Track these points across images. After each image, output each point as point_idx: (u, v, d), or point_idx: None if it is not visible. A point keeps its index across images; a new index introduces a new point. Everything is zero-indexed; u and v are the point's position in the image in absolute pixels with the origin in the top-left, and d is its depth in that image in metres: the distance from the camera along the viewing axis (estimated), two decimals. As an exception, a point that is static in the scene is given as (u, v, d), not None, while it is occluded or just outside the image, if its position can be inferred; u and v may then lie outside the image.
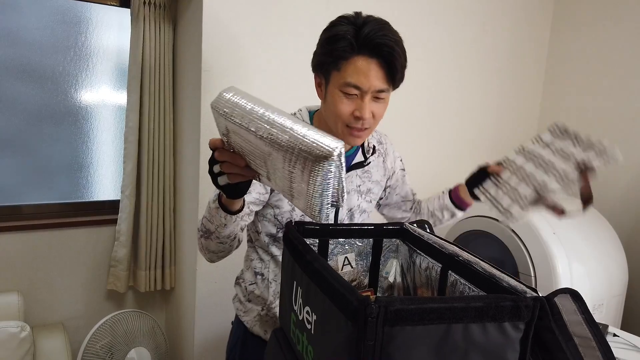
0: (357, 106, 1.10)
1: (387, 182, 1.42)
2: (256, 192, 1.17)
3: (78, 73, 2.17)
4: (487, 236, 2.13)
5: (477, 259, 0.84)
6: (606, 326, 1.73)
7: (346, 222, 1.27)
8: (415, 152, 2.49)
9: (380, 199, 1.47)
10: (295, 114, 1.25)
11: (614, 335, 1.72)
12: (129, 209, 2.13)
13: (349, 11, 1.17)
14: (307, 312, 0.79)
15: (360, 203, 1.31)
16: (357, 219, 1.32)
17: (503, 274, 0.77)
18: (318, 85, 1.18)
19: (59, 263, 2.18)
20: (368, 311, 0.60)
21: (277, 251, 1.26)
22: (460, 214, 1.45)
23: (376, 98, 1.12)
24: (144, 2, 2.01)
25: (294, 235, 0.89)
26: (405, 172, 1.49)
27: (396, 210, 1.50)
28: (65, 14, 2.11)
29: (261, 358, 1.30)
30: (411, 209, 1.51)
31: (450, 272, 0.90)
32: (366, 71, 1.07)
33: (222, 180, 0.91)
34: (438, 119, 2.54)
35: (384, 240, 1.10)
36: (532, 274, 1.95)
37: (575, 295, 0.71)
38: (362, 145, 1.29)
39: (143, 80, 2.07)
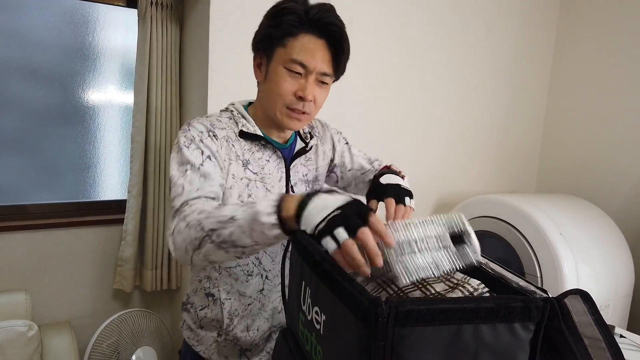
0: (300, 86, 1.07)
1: (330, 163, 1.36)
2: (219, 177, 1.06)
3: (85, 73, 2.18)
4: (493, 236, 2.13)
5: (486, 260, 0.84)
6: (613, 327, 1.73)
7: None
8: (418, 153, 2.48)
9: (337, 182, 1.40)
10: (227, 108, 1.21)
11: (621, 336, 1.72)
12: (136, 208, 2.14)
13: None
14: (316, 312, 0.79)
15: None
16: None
17: (513, 275, 0.78)
18: (257, 66, 1.14)
19: (66, 262, 2.19)
20: (379, 312, 0.60)
21: (230, 262, 1.14)
22: None
23: (320, 82, 1.09)
24: (151, 3, 2.02)
25: (302, 235, 0.89)
26: (351, 145, 1.39)
27: (362, 185, 1.38)
28: (73, 15, 2.12)
29: None
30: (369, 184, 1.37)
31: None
32: (313, 50, 1.05)
33: (329, 247, 0.73)
34: (441, 121, 2.53)
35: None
36: (539, 275, 1.95)
37: (585, 296, 0.72)
38: (299, 133, 1.25)
39: (150, 80, 2.08)
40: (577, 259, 1.93)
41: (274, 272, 1.21)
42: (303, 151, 1.23)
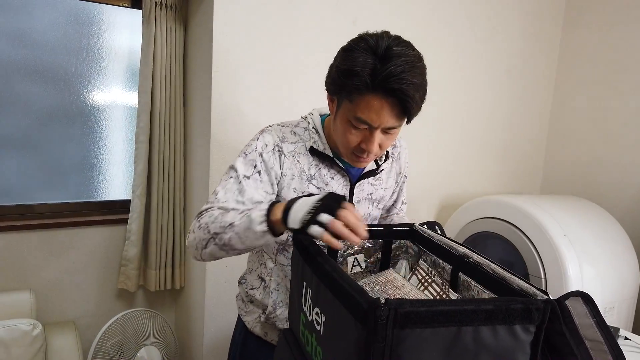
0: (365, 138, 1.06)
1: (395, 186, 1.38)
2: (262, 191, 1.13)
3: (90, 74, 2.19)
4: (497, 237, 2.12)
5: (487, 261, 0.84)
6: (617, 329, 1.72)
7: None
8: (423, 153, 2.48)
9: None
10: (306, 117, 1.23)
11: (626, 338, 1.71)
12: (140, 208, 2.15)
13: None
14: (317, 314, 0.79)
15: (371, 211, 1.29)
16: None
17: (513, 276, 0.77)
18: (330, 100, 1.13)
19: (71, 262, 2.20)
20: (378, 313, 0.61)
21: (284, 260, 1.23)
22: None
23: (386, 132, 1.06)
24: (156, 4, 2.03)
25: (303, 236, 0.89)
26: (406, 179, 1.41)
27: (383, 212, 1.44)
28: (78, 15, 2.13)
29: (261, 358, 1.30)
30: (389, 213, 1.45)
31: (460, 273, 0.90)
32: (378, 110, 1.00)
33: (316, 231, 0.84)
34: (447, 122, 2.53)
35: (394, 241, 1.10)
36: (543, 276, 1.94)
37: (586, 298, 0.71)
38: None
39: (154, 81, 2.08)
40: (582, 260, 1.92)
41: None
42: (372, 173, 1.24)
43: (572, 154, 2.77)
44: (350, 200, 1.21)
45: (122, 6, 2.14)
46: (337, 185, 1.20)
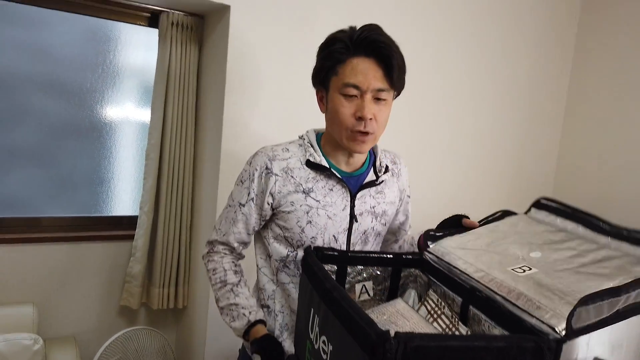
0: (358, 107, 1.10)
1: (399, 203, 1.36)
2: (257, 215, 1.22)
3: (104, 90, 2.22)
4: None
5: (498, 296, 0.82)
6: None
7: (359, 245, 1.24)
8: (434, 180, 2.47)
9: None
10: (302, 136, 1.25)
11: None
12: (147, 225, 2.14)
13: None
14: (324, 342, 0.78)
15: (374, 225, 1.26)
16: (371, 242, 1.27)
17: (525, 313, 0.76)
18: (320, 100, 1.20)
19: (75, 276, 2.20)
20: (387, 346, 0.59)
21: (285, 278, 1.21)
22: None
23: (377, 99, 1.11)
24: (172, 23, 2.06)
25: (312, 260, 0.88)
26: (410, 201, 1.41)
27: (389, 234, 1.42)
28: (95, 32, 2.16)
29: None
30: (397, 237, 1.44)
31: (471, 306, 0.88)
32: (364, 70, 1.08)
33: None
34: (458, 148, 2.53)
35: (403, 269, 1.09)
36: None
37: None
38: (374, 165, 1.26)
39: (167, 98, 2.10)
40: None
41: None
42: (372, 184, 1.23)
43: (582, 181, 2.76)
44: (352, 212, 1.20)
45: (140, 25, 2.17)
46: (337, 197, 1.18)
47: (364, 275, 1.05)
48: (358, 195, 1.20)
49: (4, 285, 2.05)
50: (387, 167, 1.27)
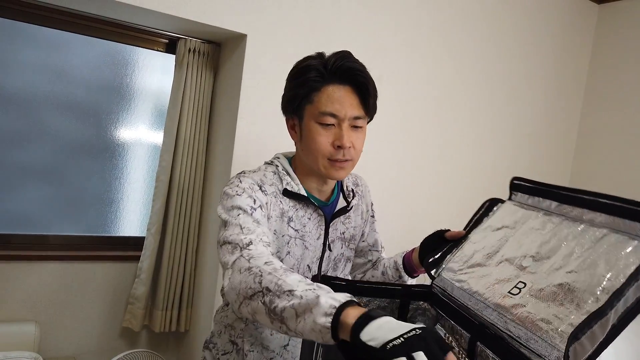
0: (336, 136, 1.08)
1: (363, 224, 1.33)
2: (269, 232, 1.07)
3: (119, 111, 2.26)
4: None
5: (506, 335, 0.81)
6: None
7: (330, 272, 1.21)
8: (435, 209, 2.47)
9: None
10: (272, 162, 1.20)
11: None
12: (153, 246, 2.15)
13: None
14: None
15: (344, 251, 1.25)
16: (340, 269, 1.25)
17: (533, 353, 0.75)
18: (291, 128, 1.17)
19: (79, 296, 2.19)
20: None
21: None
22: (407, 279, 1.29)
23: (354, 127, 1.10)
24: (189, 50, 2.10)
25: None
26: (375, 220, 1.38)
27: (358, 257, 1.37)
28: (114, 56, 2.22)
29: None
30: (372, 261, 1.38)
31: (478, 342, 0.87)
32: (340, 98, 1.07)
33: None
34: (461, 179, 2.54)
35: (411, 301, 1.08)
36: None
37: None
38: (342, 191, 1.25)
39: (180, 122, 2.14)
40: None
41: None
42: (344, 210, 1.22)
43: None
44: (325, 241, 1.18)
45: (157, 50, 2.22)
46: (313, 226, 1.16)
47: (372, 306, 1.05)
48: (331, 223, 1.20)
49: (8, 302, 2.05)
50: (353, 190, 1.26)
